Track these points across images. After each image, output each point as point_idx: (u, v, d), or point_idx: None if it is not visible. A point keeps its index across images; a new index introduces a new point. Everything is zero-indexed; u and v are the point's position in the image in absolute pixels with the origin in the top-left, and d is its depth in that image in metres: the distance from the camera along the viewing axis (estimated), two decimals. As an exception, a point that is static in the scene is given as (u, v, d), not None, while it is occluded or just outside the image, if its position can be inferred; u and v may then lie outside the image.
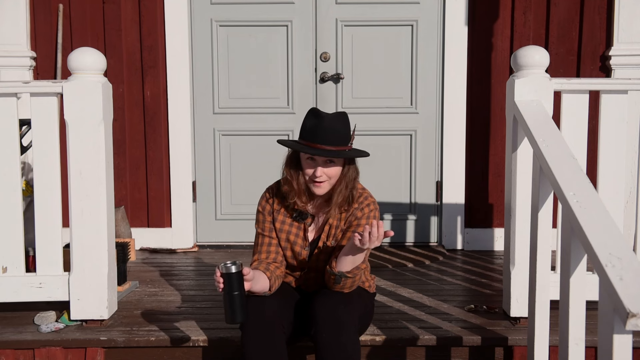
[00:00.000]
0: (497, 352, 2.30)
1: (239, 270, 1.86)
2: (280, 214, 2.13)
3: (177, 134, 3.64)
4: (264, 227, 2.15)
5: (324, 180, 1.99)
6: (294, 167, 2.05)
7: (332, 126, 1.97)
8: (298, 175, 2.04)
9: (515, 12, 3.55)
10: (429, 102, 3.68)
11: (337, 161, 2.00)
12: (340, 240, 2.10)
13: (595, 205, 1.64)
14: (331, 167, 1.99)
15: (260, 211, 2.16)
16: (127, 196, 3.68)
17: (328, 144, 1.95)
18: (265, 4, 3.63)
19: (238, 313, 1.86)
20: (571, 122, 2.32)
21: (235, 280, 1.85)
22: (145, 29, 3.59)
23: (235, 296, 1.85)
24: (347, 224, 2.09)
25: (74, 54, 2.33)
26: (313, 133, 1.97)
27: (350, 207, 2.08)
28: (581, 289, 1.71)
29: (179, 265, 3.37)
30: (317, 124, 1.98)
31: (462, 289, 2.91)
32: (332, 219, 2.09)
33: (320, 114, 2.01)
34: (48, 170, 2.35)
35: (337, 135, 1.97)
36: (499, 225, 3.65)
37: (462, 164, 3.65)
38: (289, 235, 2.12)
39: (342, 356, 1.87)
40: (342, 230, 2.10)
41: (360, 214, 2.08)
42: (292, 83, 3.67)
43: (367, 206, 2.09)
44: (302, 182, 2.04)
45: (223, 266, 1.86)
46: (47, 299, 2.39)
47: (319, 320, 1.91)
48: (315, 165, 1.99)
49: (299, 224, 2.12)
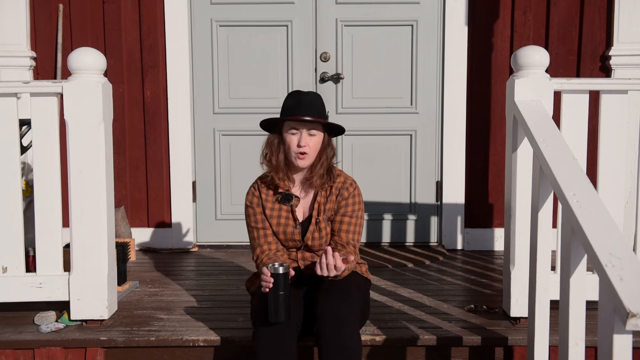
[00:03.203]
0: (497, 352, 2.30)
1: (286, 271, 1.96)
2: (269, 202, 2.26)
3: (177, 133, 3.64)
4: (257, 220, 2.26)
5: (307, 151, 2.15)
6: (274, 145, 2.21)
7: (311, 101, 2.18)
8: (279, 151, 2.20)
9: (515, 12, 3.55)
10: (429, 102, 3.68)
11: (317, 133, 2.17)
12: (333, 219, 2.23)
13: (595, 205, 1.64)
14: (313, 138, 2.16)
15: (248, 206, 2.28)
16: (127, 196, 3.68)
17: (310, 115, 2.14)
18: (265, 4, 3.63)
19: (282, 312, 1.95)
20: (571, 122, 2.32)
21: (282, 281, 1.95)
22: (145, 29, 3.60)
23: (280, 296, 1.94)
24: (337, 203, 2.23)
25: (74, 54, 2.33)
26: (295, 108, 2.15)
27: (333, 183, 2.23)
28: (581, 289, 1.71)
29: (179, 265, 3.37)
30: (297, 100, 2.18)
31: (462, 289, 2.91)
32: (319, 197, 2.23)
33: (301, 92, 2.21)
34: (48, 170, 2.35)
35: (316, 109, 2.17)
36: (499, 225, 3.65)
37: (462, 164, 3.65)
38: (280, 219, 2.24)
39: (344, 351, 1.92)
40: (332, 209, 2.23)
41: (346, 194, 2.23)
42: (292, 83, 3.67)
43: (351, 185, 2.25)
44: (282, 159, 2.21)
45: (272, 267, 1.96)
46: (47, 299, 2.39)
47: (320, 317, 1.99)
48: (299, 136, 2.16)
49: (287, 207, 2.24)
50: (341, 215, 2.22)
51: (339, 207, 2.22)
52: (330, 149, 2.23)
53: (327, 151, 2.21)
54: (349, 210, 2.22)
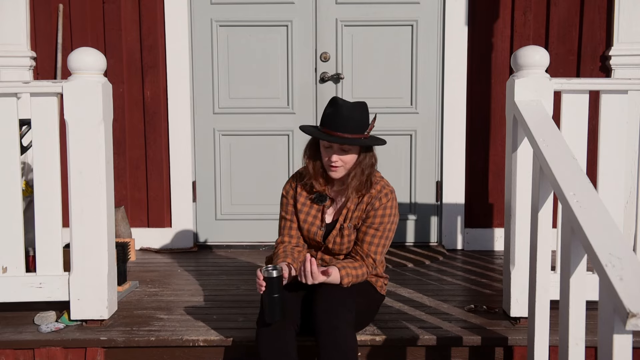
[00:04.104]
0: (497, 352, 2.30)
1: (279, 275, 2.00)
2: (302, 197, 2.26)
3: (177, 133, 3.64)
4: (287, 210, 2.27)
5: (340, 165, 2.12)
6: (312, 152, 2.19)
7: (349, 114, 2.08)
8: (315, 159, 2.18)
9: (515, 12, 3.55)
10: (429, 102, 3.68)
11: (352, 148, 2.11)
12: (359, 227, 2.20)
13: (595, 205, 1.64)
14: (346, 154, 2.11)
15: (284, 195, 2.29)
16: (127, 196, 3.68)
17: (344, 131, 2.06)
18: (265, 4, 3.63)
19: (277, 313, 2.00)
20: (571, 122, 2.32)
21: (276, 284, 1.99)
22: (145, 29, 3.60)
23: (275, 298, 1.99)
24: (366, 213, 2.18)
25: (74, 54, 2.33)
26: (330, 121, 2.08)
27: (368, 192, 2.18)
28: (581, 289, 1.71)
29: (179, 265, 3.37)
30: (335, 111, 2.08)
31: (462, 289, 2.91)
32: (350, 203, 2.19)
33: (339, 102, 2.11)
34: (48, 170, 2.35)
35: (353, 123, 2.08)
36: (499, 225, 3.65)
37: (462, 164, 3.65)
38: (307, 217, 2.24)
39: (339, 349, 1.94)
40: (360, 218, 2.19)
41: (378, 204, 2.18)
42: (292, 83, 3.67)
43: (385, 195, 2.20)
44: (319, 166, 2.18)
45: (265, 270, 1.99)
46: (47, 299, 2.39)
47: (317, 319, 2.01)
48: (331, 152, 2.11)
49: (318, 207, 2.23)
50: (367, 226, 2.18)
51: (367, 217, 2.18)
52: (368, 159, 2.15)
53: (363, 163, 2.14)
54: (377, 221, 2.17)
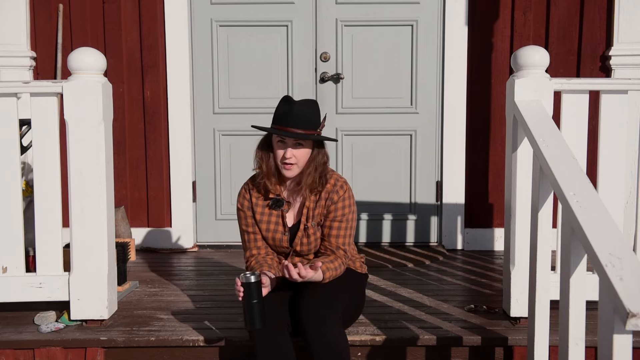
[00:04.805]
0: (497, 352, 2.30)
1: (257, 280, 1.97)
2: (259, 206, 2.24)
3: (177, 133, 3.64)
4: (248, 223, 2.25)
5: (294, 162, 2.11)
6: (265, 150, 2.19)
7: (301, 111, 2.10)
8: (269, 157, 2.18)
9: (515, 12, 3.55)
10: (429, 102, 3.68)
11: (305, 144, 2.12)
12: (322, 223, 2.20)
13: (595, 205, 1.63)
14: (300, 149, 2.11)
15: (239, 208, 2.27)
16: (127, 196, 3.68)
17: (297, 127, 2.08)
18: (265, 4, 3.63)
19: (257, 320, 1.97)
20: (571, 122, 2.32)
21: (255, 290, 1.96)
22: (145, 29, 3.60)
23: (254, 304, 1.96)
24: (326, 208, 2.19)
25: (74, 54, 2.33)
26: (284, 117, 2.10)
27: (323, 187, 2.18)
28: (581, 289, 1.71)
29: (179, 265, 3.37)
30: (288, 109, 2.10)
31: (462, 289, 2.91)
32: (308, 202, 2.20)
33: (291, 101, 2.14)
34: (48, 170, 2.35)
35: (306, 120, 2.10)
36: (499, 225, 3.65)
37: (462, 164, 3.65)
38: (269, 225, 2.23)
39: (329, 349, 1.94)
40: (322, 214, 2.20)
41: (336, 197, 2.19)
42: (292, 83, 3.67)
43: (341, 187, 2.20)
44: (272, 165, 2.17)
45: (243, 276, 1.97)
46: (47, 299, 2.39)
47: (304, 319, 2.00)
48: (285, 147, 2.11)
49: (277, 212, 2.22)
50: (330, 220, 2.19)
51: (328, 212, 2.19)
52: (321, 156, 2.16)
53: (316, 160, 2.15)
54: (339, 214, 2.19)
